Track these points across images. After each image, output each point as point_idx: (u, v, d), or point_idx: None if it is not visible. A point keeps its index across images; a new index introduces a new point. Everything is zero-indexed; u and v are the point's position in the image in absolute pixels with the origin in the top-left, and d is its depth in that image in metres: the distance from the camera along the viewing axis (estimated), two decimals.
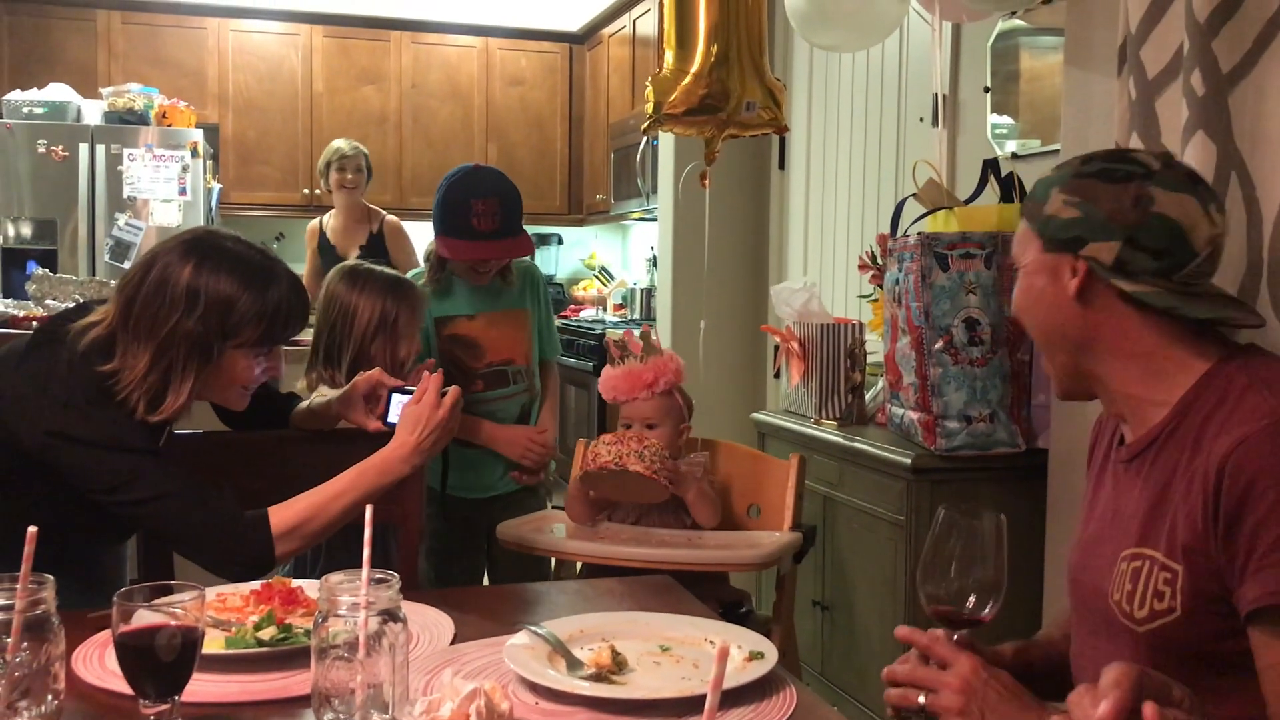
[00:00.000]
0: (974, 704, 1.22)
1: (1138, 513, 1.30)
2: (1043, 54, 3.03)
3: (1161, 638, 1.24)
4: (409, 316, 2.41)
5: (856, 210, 3.95)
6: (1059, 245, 1.34)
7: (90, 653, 1.39)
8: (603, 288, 6.92)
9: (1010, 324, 2.50)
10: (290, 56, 6.51)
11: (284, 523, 1.72)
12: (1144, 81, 1.87)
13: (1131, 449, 1.35)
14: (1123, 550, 1.30)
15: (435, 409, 1.83)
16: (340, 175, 4.82)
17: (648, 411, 2.29)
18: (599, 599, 1.72)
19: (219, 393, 1.81)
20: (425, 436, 1.81)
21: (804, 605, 2.92)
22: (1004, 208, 2.57)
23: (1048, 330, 1.38)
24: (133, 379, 1.69)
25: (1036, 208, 1.37)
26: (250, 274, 1.74)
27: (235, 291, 1.72)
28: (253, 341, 1.75)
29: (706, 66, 2.46)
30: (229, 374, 1.77)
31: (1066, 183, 1.35)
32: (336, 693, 1.15)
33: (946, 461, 2.49)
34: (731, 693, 1.28)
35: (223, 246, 1.76)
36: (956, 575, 1.29)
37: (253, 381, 1.81)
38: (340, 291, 2.41)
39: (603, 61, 6.51)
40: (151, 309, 1.70)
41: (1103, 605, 1.31)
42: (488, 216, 2.50)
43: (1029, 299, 1.39)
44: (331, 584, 1.18)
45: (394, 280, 2.45)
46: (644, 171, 5.31)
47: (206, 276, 1.71)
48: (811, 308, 3.11)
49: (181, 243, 1.76)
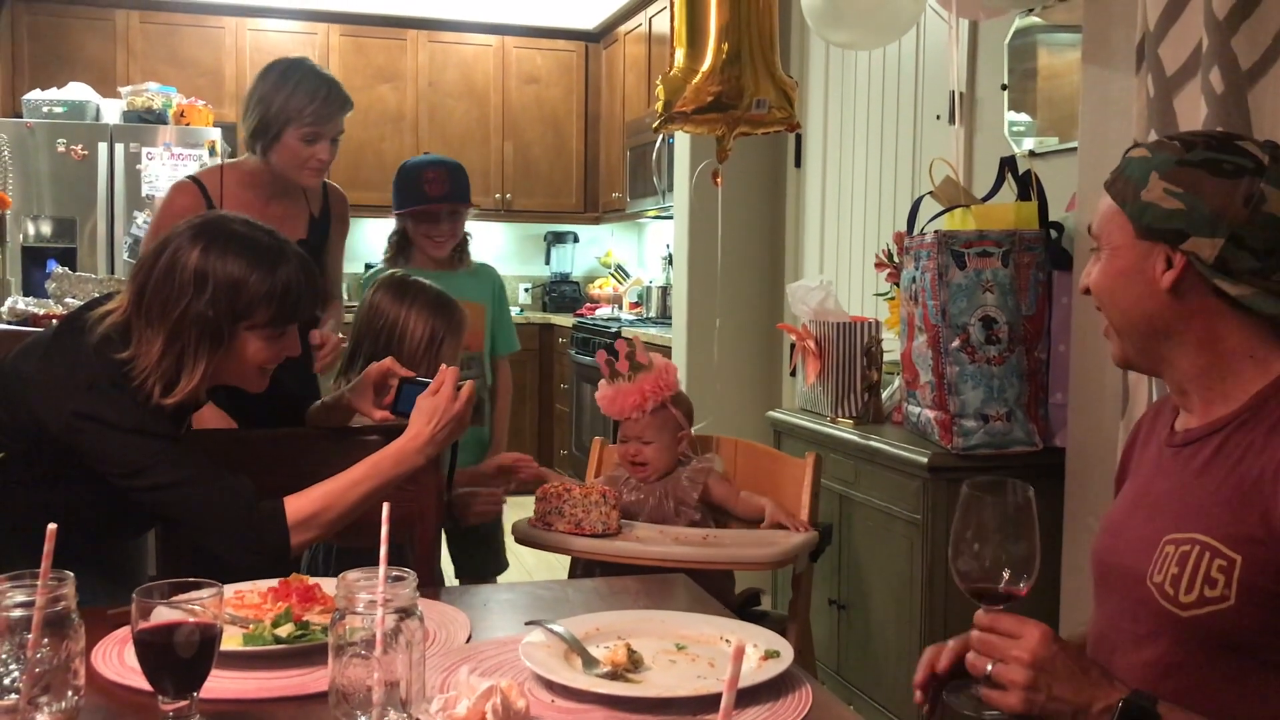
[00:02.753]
0: (1041, 678, 1.21)
1: (1190, 498, 1.28)
2: (1060, 51, 3.02)
3: (1207, 625, 1.22)
4: (454, 339, 2.41)
5: (873, 208, 3.94)
6: (1156, 235, 1.30)
7: (110, 649, 1.40)
8: (618, 286, 6.93)
9: (1027, 322, 2.49)
10: (307, 55, 6.51)
11: (299, 511, 1.72)
12: (1162, 79, 1.86)
13: (1188, 435, 1.33)
14: (1167, 534, 1.27)
15: (452, 401, 1.83)
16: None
17: (639, 430, 2.32)
18: (614, 597, 1.73)
19: (235, 375, 1.81)
20: (440, 428, 1.82)
21: (820, 604, 2.92)
22: (1021, 205, 2.56)
23: (1130, 314, 1.34)
24: (148, 364, 1.71)
25: (1131, 190, 1.32)
26: (258, 255, 1.75)
27: (244, 273, 1.72)
28: (264, 322, 1.75)
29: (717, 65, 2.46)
30: (243, 356, 1.77)
31: (1169, 169, 1.29)
32: (354, 689, 1.16)
33: (963, 460, 2.48)
34: (747, 691, 1.28)
35: (231, 229, 1.77)
36: (987, 550, 1.27)
37: (268, 363, 1.81)
38: (386, 305, 2.39)
39: (619, 60, 6.51)
40: (162, 294, 1.72)
41: (1138, 587, 1.29)
42: (438, 182, 2.94)
43: (1114, 281, 1.34)
44: (349, 581, 1.18)
45: (443, 298, 2.44)
46: (660, 169, 5.31)
47: (215, 259, 1.72)
48: (827, 306, 3.11)
49: (190, 227, 1.77)
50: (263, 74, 2.58)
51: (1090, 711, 1.20)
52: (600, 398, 2.38)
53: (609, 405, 2.35)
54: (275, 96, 2.52)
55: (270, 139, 2.53)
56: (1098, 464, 2.28)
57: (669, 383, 2.33)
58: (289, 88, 2.52)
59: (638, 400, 2.31)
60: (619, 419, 2.34)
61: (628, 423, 2.33)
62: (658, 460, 2.33)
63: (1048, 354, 2.53)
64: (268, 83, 2.54)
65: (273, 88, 2.53)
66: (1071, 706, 1.21)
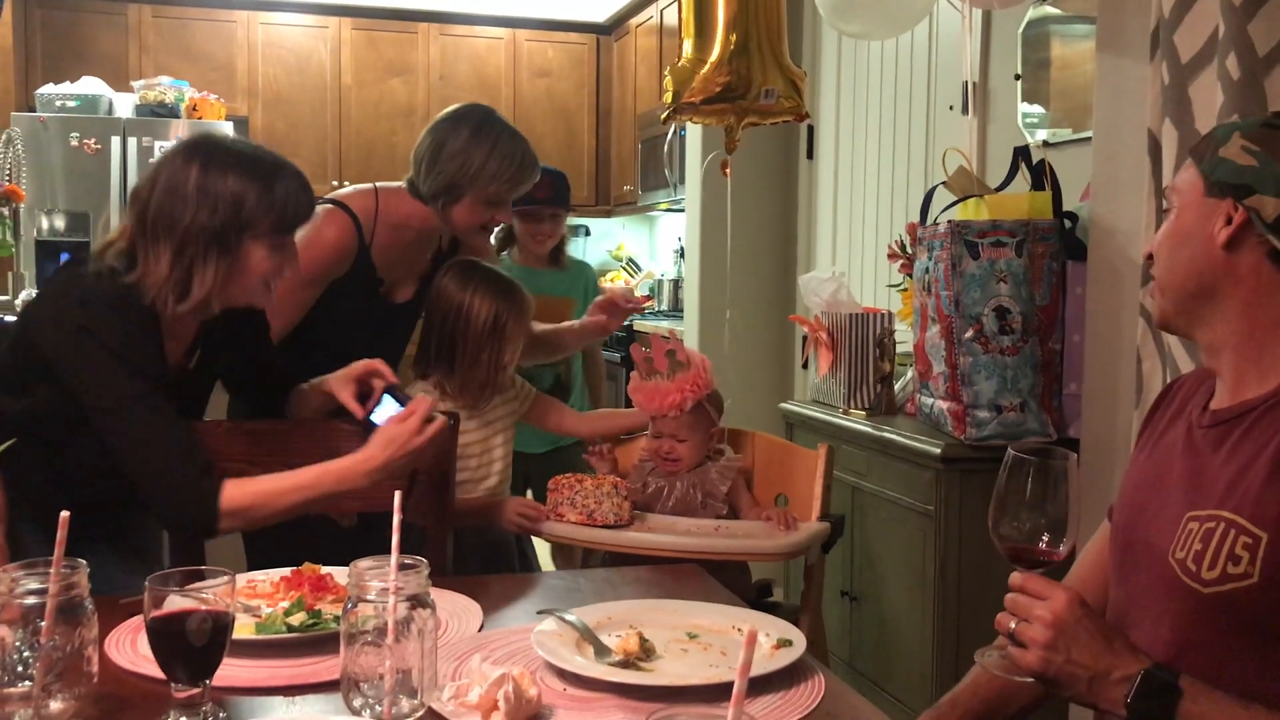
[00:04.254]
0: (1061, 639, 1.21)
1: (1218, 476, 1.27)
2: (1074, 41, 3.00)
3: (1229, 601, 1.21)
4: (517, 321, 2.37)
5: (885, 199, 3.92)
6: (1222, 190, 1.29)
7: (123, 637, 1.41)
8: (630, 279, 6.92)
9: (1041, 312, 2.48)
10: (319, 49, 6.54)
11: (233, 501, 1.74)
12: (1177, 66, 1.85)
13: (1217, 416, 1.32)
14: (1191, 510, 1.27)
15: (414, 434, 1.82)
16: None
17: (675, 428, 2.31)
18: (626, 587, 1.72)
19: (244, 290, 1.84)
20: (395, 457, 1.81)
21: (832, 595, 2.91)
22: (1035, 195, 2.55)
23: (1184, 270, 1.32)
24: (157, 280, 1.75)
25: (1211, 148, 1.32)
26: (255, 169, 1.80)
27: (243, 186, 1.77)
28: (267, 231, 1.79)
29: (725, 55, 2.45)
30: (248, 267, 1.80)
31: (1254, 130, 1.29)
32: (365, 677, 1.16)
33: (976, 451, 2.47)
34: (759, 680, 1.28)
35: (223, 146, 1.83)
36: (1029, 515, 1.29)
37: (271, 274, 1.84)
38: (451, 290, 2.36)
39: (630, 52, 6.50)
40: (166, 212, 1.75)
41: (1159, 563, 1.28)
42: (543, 187, 3.01)
43: (1173, 239, 1.34)
44: (361, 569, 1.18)
45: (505, 282, 2.41)
46: (671, 162, 5.30)
47: (214, 176, 1.76)
48: (840, 297, 3.10)
49: (183, 149, 1.81)
50: (451, 125, 2.35)
51: (1109, 679, 1.19)
52: (635, 393, 2.35)
53: (646, 402, 2.32)
54: (470, 156, 2.31)
55: (455, 199, 2.33)
56: (1113, 454, 2.27)
57: (707, 381, 2.32)
58: (485, 148, 2.31)
59: (677, 400, 2.29)
60: (656, 415, 2.33)
61: (663, 420, 2.32)
62: (690, 457, 2.32)
63: (1062, 344, 2.52)
64: (459, 139, 2.31)
65: (467, 145, 2.31)
66: (1089, 672, 1.20)
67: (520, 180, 2.36)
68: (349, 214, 2.35)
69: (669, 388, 2.30)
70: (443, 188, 2.32)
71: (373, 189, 2.42)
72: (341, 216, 2.35)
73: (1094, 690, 1.21)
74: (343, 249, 2.33)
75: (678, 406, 2.29)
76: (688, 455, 2.32)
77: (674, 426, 2.31)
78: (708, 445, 2.35)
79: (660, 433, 2.33)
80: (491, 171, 2.31)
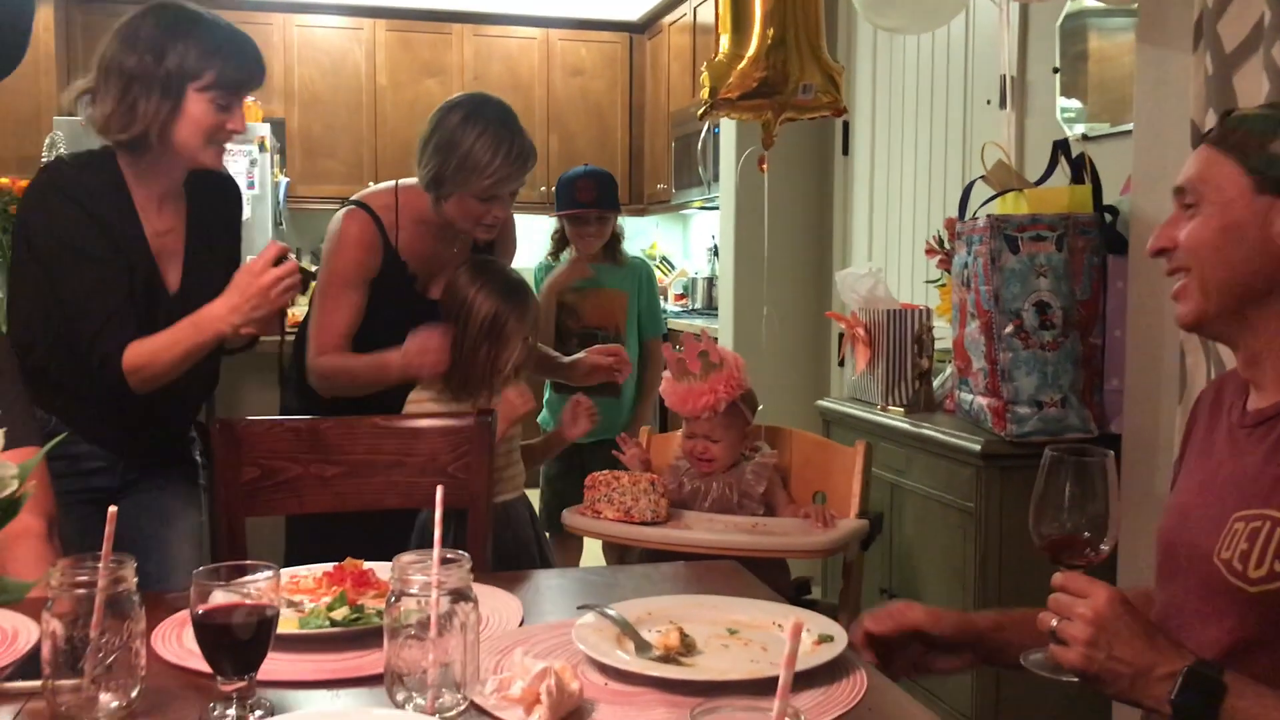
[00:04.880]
0: (1103, 636, 1.20)
1: (1263, 476, 1.26)
2: (1112, 34, 2.97)
3: (1276, 600, 1.20)
4: (518, 323, 2.33)
5: (923, 195, 3.90)
6: (1278, 186, 1.26)
7: (169, 631, 1.42)
8: (663, 278, 6.92)
9: (1082, 307, 2.45)
10: (354, 51, 6.58)
11: (129, 361, 1.94)
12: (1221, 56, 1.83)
13: (1260, 415, 1.31)
14: (1237, 511, 1.25)
15: (256, 275, 1.90)
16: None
17: (708, 429, 2.31)
18: (665, 583, 1.72)
19: (188, 140, 2.01)
20: (245, 300, 1.91)
21: (871, 593, 2.90)
22: (1075, 189, 2.53)
23: (1236, 271, 1.29)
24: (104, 113, 1.99)
25: (1255, 143, 1.28)
26: (209, 30, 2.02)
27: (191, 43, 1.98)
28: (210, 84, 1.99)
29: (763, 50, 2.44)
30: (190, 114, 1.99)
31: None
32: (409, 671, 1.16)
33: (1017, 448, 2.45)
34: (802, 675, 1.27)
35: (186, 10, 2.03)
36: (1069, 515, 1.29)
37: (215, 131, 2.02)
38: (462, 283, 2.34)
39: (663, 50, 6.50)
40: (120, 59, 1.98)
41: (1205, 564, 1.27)
42: (587, 190, 3.39)
43: (1218, 237, 1.29)
44: (403, 564, 1.19)
45: (514, 283, 2.37)
46: (705, 160, 5.30)
47: (166, 31, 1.98)
48: (877, 293, 3.08)
49: (147, 10, 2.03)
50: (442, 115, 2.34)
51: (1152, 675, 1.18)
52: (668, 394, 2.35)
53: (680, 404, 2.32)
54: (454, 148, 2.28)
55: (445, 193, 2.32)
56: (1155, 450, 2.24)
57: (740, 381, 2.30)
58: (470, 139, 2.27)
59: (711, 401, 2.27)
60: (690, 416, 2.32)
61: (697, 421, 2.31)
62: (724, 457, 2.32)
63: (1103, 339, 2.49)
64: (447, 128, 2.30)
65: (452, 136, 2.29)
66: (1132, 669, 1.19)
67: (509, 176, 2.29)
68: (368, 212, 2.38)
69: (702, 389, 2.29)
70: (431, 180, 2.31)
71: (393, 186, 2.44)
72: (361, 215, 2.38)
73: (1137, 687, 1.20)
74: (366, 245, 2.35)
75: (711, 408, 2.28)
76: (722, 455, 2.31)
77: (707, 427, 2.31)
78: (742, 445, 2.35)
79: (694, 433, 2.32)
80: (475, 165, 2.26)
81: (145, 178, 2.06)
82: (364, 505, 2.01)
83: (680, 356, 2.34)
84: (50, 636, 1.13)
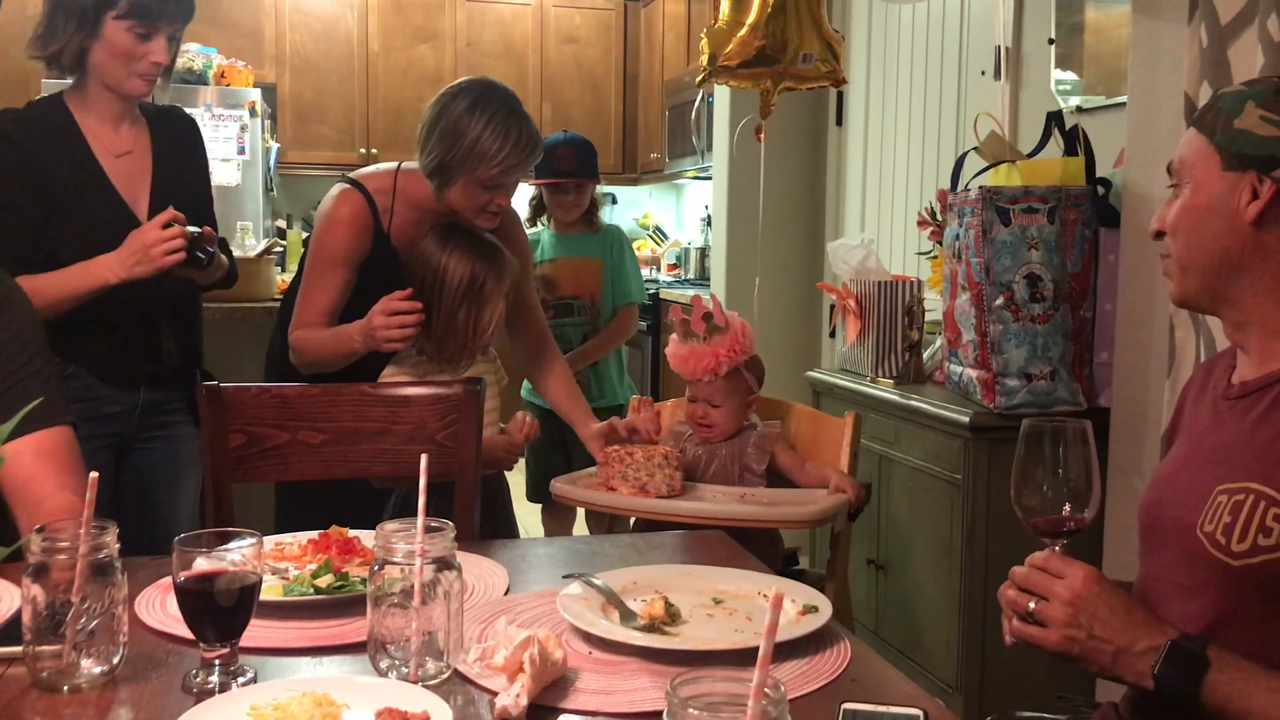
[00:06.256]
0: (1082, 616, 1.20)
1: (1246, 448, 1.26)
2: (1107, 6, 2.95)
3: (1261, 573, 1.19)
4: (496, 282, 2.29)
5: (915, 166, 3.89)
6: (1245, 162, 1.26)
7: (153, 597, 1.42)
8: (656, 248, 6.90)
9: (1073, 280, 2.45)
10: (346, 16, 6.51)
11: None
12: (1216, 28, 1.82)
13: (1244, 387, 1.30)
14: (1220, 484, 1.25)
15: (142, 233, 2.07)
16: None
17: (710, 392, 2.28)
18: (651, 552, 1.72)
19: (108, 65, 2.15)
20: (130, 254, 2.07)
21: (859, 564, 2.91)
22: (1068, 161, 2.52)
23: (1207, 249, 1.29)
24: (32, 37, 2.17)
25: (1222, 120, 1.28)
26: None
27: None
28: (125, 13, 2.10)
29: (763, 18, 2.42)
30: (107, 40, 2.13)
31: (1268, 98, 1.26)
32: (392, 639, 1.17)
33: (1006, 420, 2.45)
34: (785, 645, 1.28)
35: None
36: (1049, 484, 1.29)
37: (134, 59, 2.15)
38: (431, 251, 2.30)
39: (658, 18, 6.45)
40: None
41: (1187, 537, 1.27)
42: (567, 159, 3.41)
43: (1193, 216, 1.30)
44: (387, 532, 1.19)
45: (485, 243, 2.34)
46: (699, 129, 5.27)
47: None
48: (869, 265, 3.07)
49: None
50: (448, 100, 2.26)
51: (1133, 650, 1.19)
52: (671, 356, 2.33)
53: (681, 365, 2.30)
54: (461, 135, 2.21)
55: (450, 180, 2.26)
56: (1143, 423, 2.24)
57: (745, 347, 2.27)
58: (478, 128, 2.20)
59: (711, 364, 2.25)
60: (691, 379, 2.30)
61: (699, 384, 2.29)
62: (725, 424, 2.30)
63: (1093, 312, 2.49)
64: (452, 115, 2.23)
65: (458, 123, 2.21)
66: (1113, 647, 1.19)
67: (517, 165, 2.24)
68: (363, 192, 2.33)
69: (704, 351, 2.27)
70: (435, 167, 2.26)
71: (394, 168, 2.39)
72: (355, 195, 2.33)
73: (1119, 663, 1.20)
74: (356, 226, 2.31)
75: (711, 371, 2.26)
76: (722, 422, 2.30)
77: (708, 391, 2.28)
78: (744, 414, 2.33)
79: (695, 396, 2.30)
80: (482, 153, 2.20)
81: (88, 104, 2.22)
82: (351, 473, 2.00)
83: (685, 317, 2.32)
84: (31, 602, 1.13)
